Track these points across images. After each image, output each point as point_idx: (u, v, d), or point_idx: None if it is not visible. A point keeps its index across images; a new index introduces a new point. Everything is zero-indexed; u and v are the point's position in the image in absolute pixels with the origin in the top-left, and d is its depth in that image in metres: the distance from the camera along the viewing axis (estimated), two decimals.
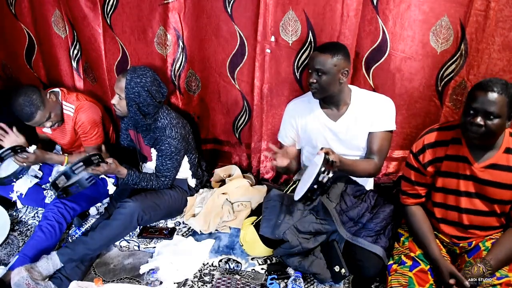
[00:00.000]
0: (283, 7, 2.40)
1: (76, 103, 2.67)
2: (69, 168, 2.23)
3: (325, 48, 2.12)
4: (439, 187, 1.91)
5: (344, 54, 2.09)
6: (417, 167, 1.92)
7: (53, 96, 2.60)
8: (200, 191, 2.79)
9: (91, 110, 2.70)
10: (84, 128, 2.66)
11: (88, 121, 2.66)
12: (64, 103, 2.67)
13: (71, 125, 2.67)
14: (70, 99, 2.69)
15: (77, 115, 2.65)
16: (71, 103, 2.67)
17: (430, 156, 1.87)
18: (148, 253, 2.42)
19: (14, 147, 2.46)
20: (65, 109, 2.67)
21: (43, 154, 2.59)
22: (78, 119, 2.65)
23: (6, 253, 2.51)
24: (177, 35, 2.67)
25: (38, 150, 2.55)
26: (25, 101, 2.44)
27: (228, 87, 2.74)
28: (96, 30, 2.81)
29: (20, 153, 2.49)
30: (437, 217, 1.97)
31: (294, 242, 2.10)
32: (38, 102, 2.48)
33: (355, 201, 2.21)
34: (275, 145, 2.12)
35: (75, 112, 2.65)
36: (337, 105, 2.23)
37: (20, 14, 3.04)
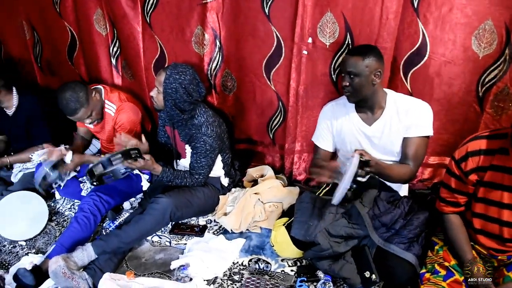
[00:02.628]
0: (321, 9, 2.39)
1: (118, 103, 2.75)
2: (107, 158, 2.29)
3: (355, 50, 2.11)
4: (481, 197, 1.83)
5: (376, 55, 2.07)
6: (458, 175, 1.85)
7: (97, 94, 2.69)
8: (233, 190, 2.80)
9: (131, 111, 2.77)
10: (123, 128, 2.72)
11: (128, 122, 2.73)
12: (107, 101, 2.75)
13: (111, 125, 2.75)
14: (113, 99, 2.76)
15: (118, 116, 2.73)
16: (113, 102, 2.75)
17: (473, 164, 1.79)
18: (179, 249, 2.45)
19: (54, 164, 2.59)
20: (106, 108, 2.75)
21: (81, 158, 2.71)
22: (118, 120, 2.73)
23: (44, 242, 2.60)
24: (215, 35, 2.70)
25: (75, 156, 2.67)
26: (71, 96, 2.53)
27: (264, 87, 2.75)
28: (136, 29, 2.87)
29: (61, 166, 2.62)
30: (476, 228, 1.90)
31: (325, 245, 2.09)
32: (83, 99, 2.56)
33: (388, 207, 2.17)
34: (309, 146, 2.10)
35: (116, 112, 2.73)
36: (372, 109, 2.20)
37: (64, 13, 3.14)
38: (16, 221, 2.61)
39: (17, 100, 2.92)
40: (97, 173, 2.33)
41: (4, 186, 2.88)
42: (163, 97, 2.43)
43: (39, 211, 2.70)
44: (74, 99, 2.53)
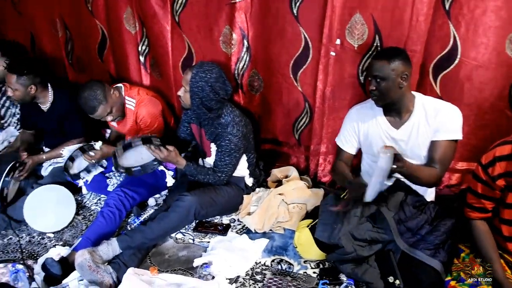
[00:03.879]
0: (350, 10, 2.37)
1: (137, 97, 2.80)
2: (129, 141, 2.34)
3: (381, 54, 2.09)
4: (509, 203, 1.80)
5: (403, 58, 2.04)
6: (485, 180, 1.82)
7: (116, 92, 2.74)
8: (257, 190, 2.80)
9: (150, 103, 2.82)
10: (145, 121, 2.77)
11: (148, 114, 2.78)
12: (127, 98, 2.81)
13: (133, 119, 2.80)
14: (132, 94, 2.82)
15: (138, 109, 2.78)
16: (132, 97, 2.81)
17: (500, 169, 1.75)
18: (202, 247, 2.47)
19: (82, 147, 2.64)
20: (127, 104, 2.80)
21: (109, 149, 2.73)
22: (139, 113, 2.78)
23: (71, 234, 2.66)
24: (243, 35, 2.71)
25: (104, 146, 2.71)
26: (89, 95, 2.60)
27: (290, 88, 2.74)
28: (165, 27, 2.91)
29: (88, 151, 2.66)
30: (505, 235, 1.86)
31: (349, 249, 2.06)
32: (101, 97, 2.62)
33: (414, 212, 2.13)
34: (335, 148, 2.08)
35: (136, 106, 2.78)
36: (399, 112, 2.17)
37: (96, 11, 3.21)
38: (45, 213, 2.67)
39: (52, 97, 2.99)
40: (119, 156, 2.40)
41: (35, 179, 2.95)
42: (190, 95, 2.45)
43: (67, 204, 2.77)
44: (92, 97, 2.61)
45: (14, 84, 2.81)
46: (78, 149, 2.64)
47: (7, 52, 3.19)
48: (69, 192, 2.79)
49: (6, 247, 2.55)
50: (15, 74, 2.80)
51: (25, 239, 2.62)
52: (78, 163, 2.72)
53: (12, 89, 2.83)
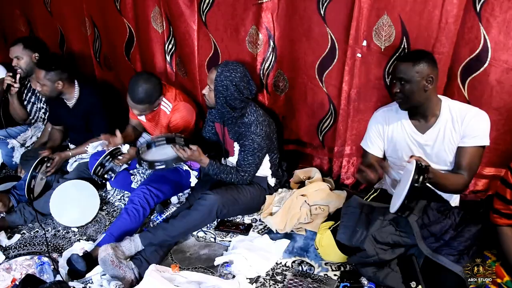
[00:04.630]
0: (377, 11, 2.34)
1: (174, 102, 2.79)
2: (152, 140, 2.39)
3: (406, 56, 2.07)
4: None
5: (428, 61, 2.00)
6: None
7: (161, 97, 2.75)
8: (279, 190, 2.80)
9: (186, 111, 2.81)
10: (177, 127, 2.78)
11: (182, 121, 2.78)
12: (164, 99, 2.80)
13: (166, 122, 2.80)
14: (170, 97, 2.81)
15: (173, 115, 2.78)
16: (169, 101, 2.80)
17: None
18: (223, 246, 2.48)
19: (112, 152, 2.68)
20: (162, 105, 2.80)
21: (135, 150, 2.74)
22: (173, 119, 2.78)
23: (94, 230, 2.71)
24: (269, 35, 2.71)
25: (131, 149, 2.73)
26: (148, 89, 2.60)
27: (316, 89, 2.73)
28: (191, 27, 2.93)
29: (117, 156, 2.71)
30: None
31: (371, 252, 2.04)
32: (154, 99, 2.66)
33: (438, 216, 2.09)
34: (359, 151, 2.06)
35: (172, 111, 2.78)
36: (425, 116, 2.14)
37: (124, 10, 3.26)
38: (70, 208, 2.72)
39: (78, 93, 3.04)
40: (142, 153, 2.42)
41: (60, 175, 3.01)
42: (214, 94, 2.47)
43: (91, 200, 2.82)
44: (148, 93, 2.61)
45: (42, 79, 2.86)
46: (108, 154, 2.67)
47: (32, 46, 3.26)
48: (93, 188, 2.84)
49: (33, 239, 2.62)
50: (44, 69, 2.85)
51: (51, 232, 2.68)
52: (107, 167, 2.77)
53: (41, 84, 2.89)
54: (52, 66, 2.87)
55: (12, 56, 3.24)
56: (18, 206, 2.81)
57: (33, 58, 3.25)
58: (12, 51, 3.24)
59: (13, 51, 3.24)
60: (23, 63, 3.22)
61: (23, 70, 3.24)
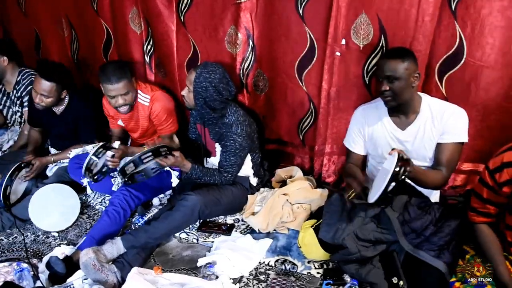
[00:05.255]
0: (355, 10, 2.36)
1: (151, 93, 2.80)
2: (138, 157, 2.34)
3: (393, 53, 2.07)
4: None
5: (413, 57, 2.04)
6: (491, 185, 1.78)
7: (135, 81, 2.75)
8: (261, 190, 2.80)
9: (165, 99, 2.83)
10: (159, 117, 2.77)
11: (164, 110, 2.78)
12: (140, 92, 2.79)
13: (146, 115, 2.80)
14: (145, 90, 2.81)
15: (153, 105, 2.78)
16: (146, 93, 2.80)
17: (508, 176, 1.71)
18: (206, 247, 2.47)
19: (104, 145, 2.62)
20: (140, 99, 2.79)
21: (126, 148, 2.73)
22: (153, 109, 2.77)
23: (75, 234, 2.67)
24: (248, 35, 2.71)
25: (122, 146, 2.69)
26: (119, 67, 2.61)
27: (295, 88, 2.74)
28: (170, 27, 2.92)
29: (109, 149, 2.62)
30: (509, 240, 1.84)
31: (353, 249, 2.06)
32: (129, 73, 2.64)
33: (419, 213, 2.12)
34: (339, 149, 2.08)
35: (151, 102, 2.78)
36: (405, 113, 2.16)
37: (101, 10, 3.23)
38: (50, 212, 2.68)
39: (68, 100, 2.97)
40: (129, 172, 2.38)
41: (40, 179, 2.96)
42: (193, 96, 2.46)
43: (71, 204, 2.77)
44: (121, 70, 2.60)
45: (50, 92, 2.78)
46: (101, 147, 2.60)
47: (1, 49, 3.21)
48: (73, 192, 2.79)
49: (11, 245, 2.56)
50: (54, 82, 2.76)
51: (30, 238, 2.63)
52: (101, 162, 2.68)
53: (46, 95, 2.78)
54: (63, 79, 2.82)
55: None
56: None
57: (2, 61, 3.18)
58: None
59: None
60: None
61: None
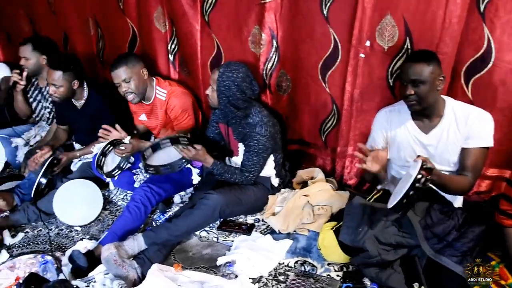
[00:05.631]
0: (381, 12, 2.34)
1: (168, 88, 2.86)
2: (157, 142, 2.37)
3: (417, 56, 2.03)
4: None
5: (437, 60, 2.00)
6: None
7: (146, 73, 2.80)
8: (282, 190, 2.79)
9: (182, 95, 2.87)
10: (175, 112, 2.81)
11: (180, 105, 2.82)
12: (158, 88, 2.87)
13: (163, 109, 2.84)
14: (163, 85, 2.88)
15: (169, 99, 2.83)
16: (163, 88, 2.86)
17: None
18: (226, 246, 2.48)
19: (112, 141, 2.65)
20: (157, 94, 2.86)
21: (138, 142, 2.74)
22: (170, 103, 2.82)
23: (97, 229, 2.72)
24: (272, 35, 2.71)
25: (133, 140, 2.71)
26: (122, 55, 2.78)
27: (319, 89, 2.72)
28: (194, 27, 2.94)
29: (118, 146, 2.67)
30: None
31: (374, 253, 2.04)
32: (129, 60, 2.73)
33: (441, 217, 2.09)
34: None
35: (167, 96, 2.83)
36: (429, 117, 2.13)
37: (127, 9, 3.27)
38: (73, 207, 2.73)
39: (87, 94, 3.03)
40: (147, 156, 2.42)
41: (64, 174, 3.01)
42: (217, 95, 2.47)
43: (94, 199, 2.82)
44: (122, 58, 2.74)
45: (59, 80, 2.84)
46: (109, 143, 2.65)
47: (41, 48, 3.27)
48: (97, 187, 2.85)
49: (36, 238, 2.63)
50: (61, 70, 2.83)
51: (54, 231, 2.69)
52: (110, 159, 2.74)
53: (57, 85, 2.85)
54: (70, 66, 2.87)
55: (20, 55, 3.24)
56: (21, 205, 2.83)
57: (41, 60, 3.25)
58: (21, 50, 3.24)
59: (22, 51, 3.24)
60: (31, 64, 3.24)
61: (30, 71, 3.25)
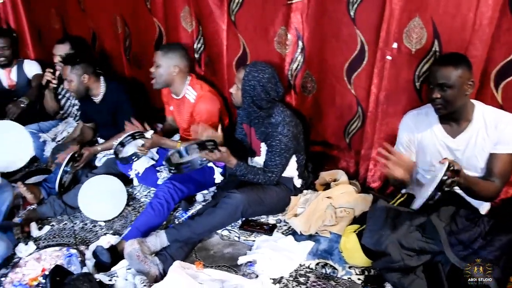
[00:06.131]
0: (409, 13, 2.30)
1: (199, 91, 2.86)
2: (184, 148, 2.39)
3: (446, 60, 2.00)
4: None
5: (467, 64, 1.96)
6: None
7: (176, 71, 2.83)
8: (304, 192, 2.78)
9: (210, 101, 2.86)
10: (200, 116, 2.81)
11: (206, 111, 2.81)
12: (190, 88, 2.88)
13: (189, 111, 2.86)
14: (195, 86, 2.88)
15: (197, 104, 2.83)
16: (195, 90, 2.87)
17: None
18: (247, 246, 2.48)
19: (133, 134, 2.68)
20: (187, 94, 2.88)
21: (159, 139, 2.77)
22: (197, 108, 2.82)
23: (120, 224, 2.76)
24: (298, 36, 2.70)
25: (154, 136, 2.74)
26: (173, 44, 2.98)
27: (344, 91, 2.70)
28: (220, 26, 2.96)
29: (138, 138, 2.69)
30: None
31: (396, 257, 2.01)
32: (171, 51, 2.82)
33: (467, 224, 2.04)
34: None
35: (196, 100, 2.84)
36: (457, 121, 2.09)
37: (154, 9, 3.29)
38: (98, 202, 2.78)
39: (104, 88, 3.08)
40: (174, 161, 2.43)
41: (89, 169, 3.07)
42: (241, 94, 2.48)
43: (118, 195, 2.87)
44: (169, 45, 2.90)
45: (68, 75, 2.93)
46: (129, 135, 2.66)
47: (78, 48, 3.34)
48: (121, 183, 2.89)
49: (62, 231, 2.69)
50: (69, 65, 2.92)
51: (79, 225, 2.74)
52: (128, 148, 2.74)
53: (68, 80, 2.95)
54: (76, 60, 2.93)
55: (56, 53, 3.31)
56: (48, 198, 2.89)
57: None
58: (58, 48, 3.31)
59: (58, 49, 3.30)
60: None
61: None
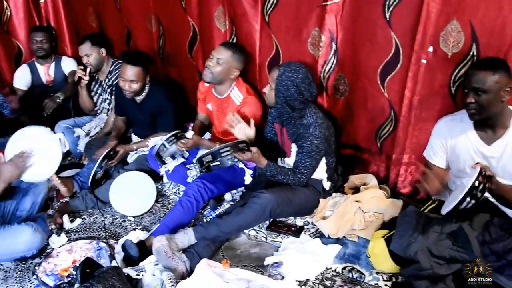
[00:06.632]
0: (446, 17, 2.25)
1: (245, 95, 2.88)
2: (218, 150, 2.41)
3: (483, 64, 1.95)
4: None
5: (506, 69, 1.91)
6: None
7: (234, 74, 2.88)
8: (333, 195, 2.76)
9: (255, 106, 2.89)
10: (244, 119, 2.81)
11: (251, 115, 2.82)
12: (235, 89, 2.91)
13: (233, 112, 2.85)
14: (241, 89, 2.91)
15: (243, 107, 2.85)
16: (241, 92, 2.90)
17: None
18: (274, 246, 2.48)
19: (176, 133, 2.73)
20: (232, 95, 2.91)
21: (199, 139, 2.83)
22: (242, 111, 2.84)
23: (149, 220, 2.80)
24: (331, 37, 2.68)
25: (195, 136, 2.79)
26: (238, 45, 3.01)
27: (377, 94, 2.66)
28: (254, 27, 2.96)
29: (181, 139, 2.74)
30: None
31: (425, 265, 1.97)
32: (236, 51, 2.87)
33: (501, 234, 1.99)
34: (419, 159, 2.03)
35: (242, 103, 2.86)
36: (493, 127, 2.04)
37: (189, 8, 3.32)
38: (128, 198, 2.83)
39: (148, 89, 3.13)
40: (206, 162, 2.45)
41: (121, 165, 3.13)
42: (275, 93, 2.48)
43: (148, 191, 2.91)
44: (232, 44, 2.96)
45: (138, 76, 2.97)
46: (173, 135, 2.72)
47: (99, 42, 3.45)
48: (151, 180, 2.93)
49: (92, 225, 2.75)
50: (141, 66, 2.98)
51: (109, 219, 2.80)
52: (170, 148, 2.79)
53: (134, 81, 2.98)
54: (146, 64, 3.02)
55: (82, 54, 3.42)
56: (80, 192, 2.96)
57: (101, 53, 3.41)
58: (81, 49, 3.42)
59: (82, 50, 3.41)
60: (93, 59, 3.41)
61: (93, 66, 3.43)
